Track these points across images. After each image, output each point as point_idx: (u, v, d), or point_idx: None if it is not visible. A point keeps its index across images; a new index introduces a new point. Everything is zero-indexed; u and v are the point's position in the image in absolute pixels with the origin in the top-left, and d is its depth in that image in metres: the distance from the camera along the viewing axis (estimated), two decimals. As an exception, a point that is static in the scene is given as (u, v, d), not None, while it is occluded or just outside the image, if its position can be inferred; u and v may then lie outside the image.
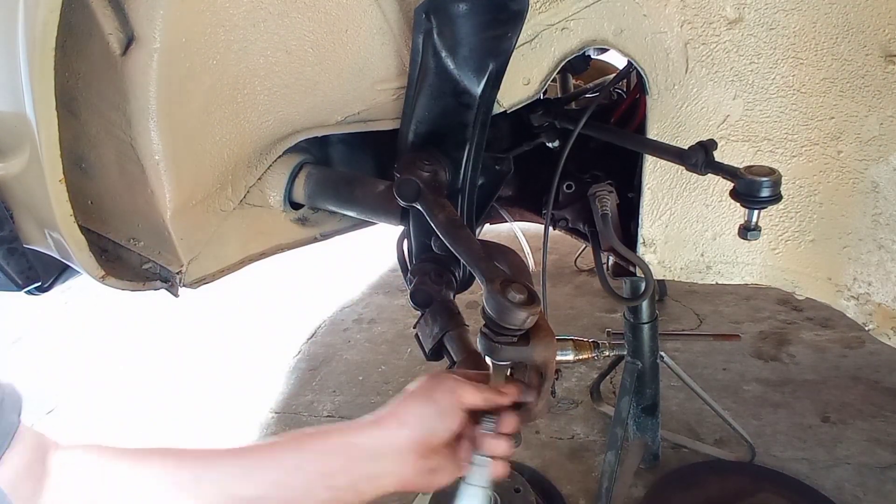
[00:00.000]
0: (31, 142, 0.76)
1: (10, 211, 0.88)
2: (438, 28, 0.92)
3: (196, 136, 0.91)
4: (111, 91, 0.81)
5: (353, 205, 1.17)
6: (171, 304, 1.07)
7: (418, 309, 1.10)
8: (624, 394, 1.72)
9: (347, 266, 3.55)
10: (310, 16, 0.92)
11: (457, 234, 0.91)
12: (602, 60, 1.72)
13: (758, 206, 0.88)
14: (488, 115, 1.04)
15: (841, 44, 0.96)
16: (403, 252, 1.23)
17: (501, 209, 1.59)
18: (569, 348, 1.62)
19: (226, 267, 1.11)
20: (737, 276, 1.26)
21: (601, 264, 1.44)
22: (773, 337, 2.49)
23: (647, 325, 1.68)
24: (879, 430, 1.94)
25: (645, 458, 1.86)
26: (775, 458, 1.87)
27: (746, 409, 2.10)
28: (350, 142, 1.29)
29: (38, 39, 0.67)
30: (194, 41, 0.82)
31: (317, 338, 2.94)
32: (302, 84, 1.00)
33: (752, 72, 1.05)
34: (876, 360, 2.26)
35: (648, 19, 1.03)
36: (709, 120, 1.11)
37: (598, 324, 2.73)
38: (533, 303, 0.76)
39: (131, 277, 0.97)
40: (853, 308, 1.12)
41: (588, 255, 2.93)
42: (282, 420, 2.35)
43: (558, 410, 2.20)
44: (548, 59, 1.08)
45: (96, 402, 2.62)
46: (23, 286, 0.93)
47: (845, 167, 1.05)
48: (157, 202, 0.90)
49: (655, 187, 1.21)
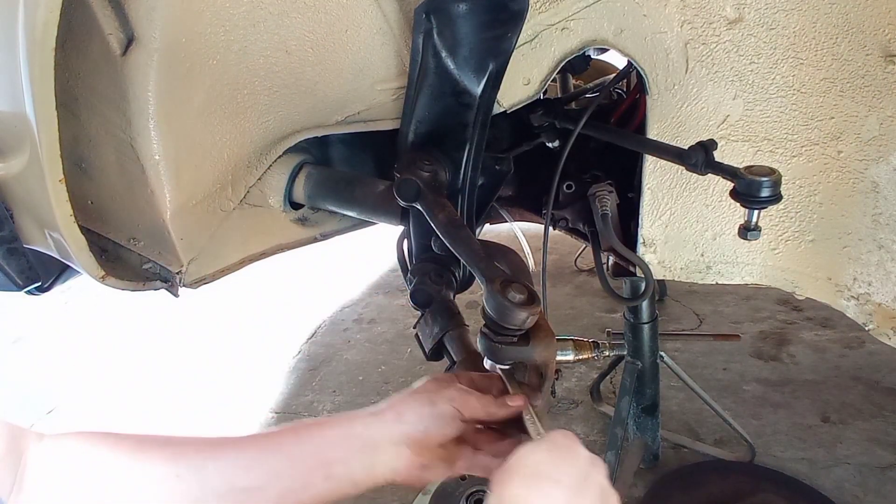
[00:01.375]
0: (31, 142, 0.76)
1: (10, 211, 0.88)
2: (438, 28, 0.92)
3: (196, 136, 0.91)
4: (111, 91, 0.81)
5: (353, 205, 1.17)
6: (171, 305, 1.07)
7: (418, 309, 1.10)
8: (624, 394, 1.72)
9: (347, 266, 3.55)
10: (310, 16, 0.92)
11: (457, 234, 0.91)
12: (602, 60, 1.72)
13: (758, 206, 0.88)
14: (488, 115, 1.04)
15: (841, 44, 0.96)
16: (403, 252, 1.23)
17: (501, 209, 1.59)
18: (569, 348, 1.62)
19: (226, 267, 1.11)
20: (737, 276, 1.26)
21: (601, 264, 1.44)
22: (773, 337, 2.49)
23: (647, 325, 1.68)
24: (879, 430, 1.94)
25: (645, 458, 1.86)
26: (775, 458, 1.87)
27: (746, 409, 2.10)
28: (350, 142, 1.29)
29: (38, 39, 0.67)
30: (194, 41, 0.82)
31: (317, 338, 2.94)
32: (302, 84, 1.00)
33: (752, 72, 1.05)
34: (876, 360, 2.26)
35: (648, 19, 1.03)
36: (709, 120, 1.11)
37: (598, 324, 2.73)
38: (533, 303, 0.76)
39: (131, 277, 0.97)
40: (853, 308, 1.12)
41: (588, 255, 2.94)
42: (282, 420, 2.36)
43: (558, 410, 2.20)
44: (548, 59, 1.08)
45: (96, 402, 2.63)
46: (23, 286, 0.93)
47: (845, 167, 1.05)
48: (157, 202, 0.90)
49: (655, 187, 1.21)
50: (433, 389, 0.76)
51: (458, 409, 0.74)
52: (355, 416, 0.75)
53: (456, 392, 0.75)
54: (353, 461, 0.71)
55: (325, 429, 0.73)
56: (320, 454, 0.71)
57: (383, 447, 0.72)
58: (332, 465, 0.71)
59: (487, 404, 0.75)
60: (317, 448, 0.72)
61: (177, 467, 0.68)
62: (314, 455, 0.71)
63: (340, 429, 0.73)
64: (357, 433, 0.73)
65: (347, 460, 0.71)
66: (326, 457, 0.71)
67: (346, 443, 0.72)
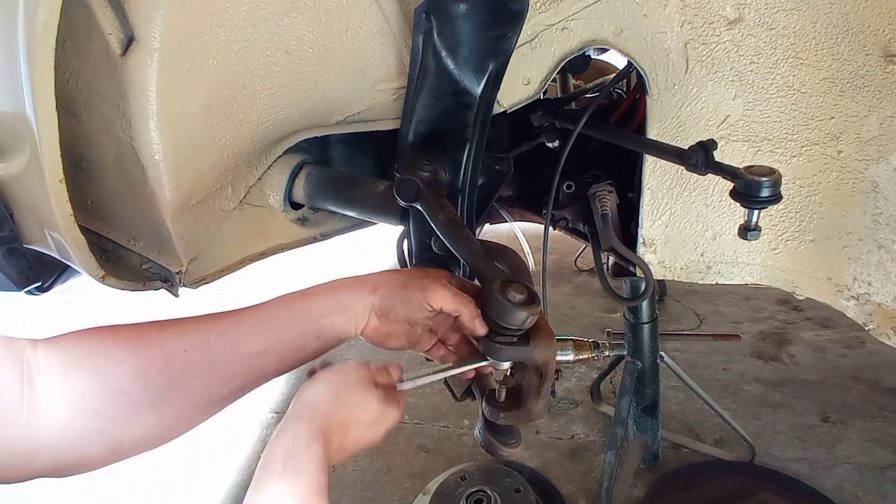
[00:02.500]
0: (31, 142, 0.76)
1: (10, 211, 0.88)
2: (438, 28, 0.92)
3: (196, 136, 0.91)
4: (111, 91, 0.81)
5: (353, 205, 1.17)
6: (171, 305, 1.07)
7: (418, 309, 1.10)
8: (624, 394, 1.72)
9: (347, 266, 3.55)
10: (310, 16, 0.92)
11: (457, 234, 0.91)
12: (602, 60, 1.72)
13: (758, 206, 0.88)
14: (488, 115, 1.04)
15: (841, 44, 0.96)
16: (403, 252, 1.23)
17: (501, 209, 1.59)
18: (569, 348, 1.61)
19: (226, 267, 1.11)
20: (737, 276, 1.26)
21: (601, 264, 1.44)
22: (773, 337, 2.49)
23: (647, 325, 1.68)
24: (879, 430, 1.94)
25: (645, 458, 1.86)
26: (775, 458, 1.87)
27: (746, 409, 2.10)
28: (350, 142, 1.29)
29: (38, 39, 0.67)
30: (194, 41, 0.82)
31: (317, 338, 2.93)
32: (302, 84, 1.00)
33: (752, 72, 1.05)
34: (876, 360, 2.26)
35: (648, 19, 1.03)
36: (709, 120, 1.11)
37: (598, 324, 2.73)
38: (533, 303, 0.76)
39: (131, 277, 0.97)
40: (853, 308, 1.12)
41: (588, 255, 2.94)
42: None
43: (558, 410, 2.20)
44: (548, 59, 1.08)
45: (96, 402, 2.62)
46: (23, 286, 0.93)
47: (845, 167, 1.05)
48: (157, 202, 0.90)
49: (655, 187, 1.21)
50: (416, 276, 0.86)
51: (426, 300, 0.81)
52: (338, 282, 0.85)
53: (430, 283, 0.83)
54: (336, 321, 0.81)
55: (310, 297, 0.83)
56: (311, 320, 0.81)
57: (357, 310, 0.82)
58: (322, 328, 0.81)
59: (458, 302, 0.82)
60: (307, 315, 0.81)
61: (183, 344, 0.74)
62: (306, 322, 0.80)
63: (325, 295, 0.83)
64: (338, 296, 0.83)
65: (332, 321, 0.81)
66: (316, 321, 0.81)
67: (330, 305, 0.82)
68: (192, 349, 0.74)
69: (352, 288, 0.84)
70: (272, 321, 0.80)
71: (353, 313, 0.82)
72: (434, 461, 2.02)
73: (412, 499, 1.79)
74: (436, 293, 0.81)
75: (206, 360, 0.75)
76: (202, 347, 0.75)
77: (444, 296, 0.81)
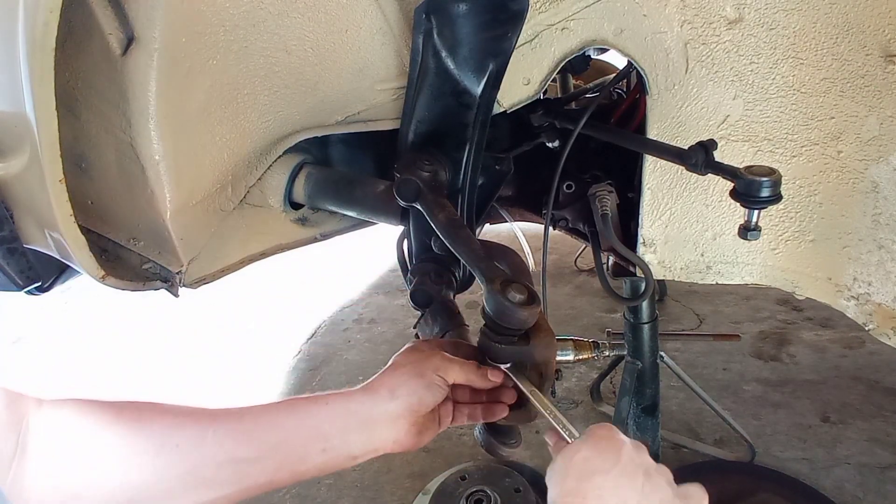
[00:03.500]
0: (31, 142, 0.76)
1: (10, 211, 0.88)
2: (438, 28, 0.92)
3: (196, 136, 0.91)
4: (111, 91, 0.81)
5: (353, 205, 1.17)
6: (171, 305, 1.07)
7: (418, 309, 1.10)
8: (624, 394, 1.72)
9: (347, 266, 3.55)
10: (310, 16, 0.92)
11: (457, 234, 0.91)
12: (602, 60, 1.72)
13: (758, 206, 0.88)
14: (488, 115, 1.04)
15: (841, 44, 0.96)
16: (403, 252, 1.23)
17: (501, 209, 1.59)
18: (569, 348, 1.62)
19: (226, 267, 1.11)
20: (737, 276, 1.26)
21: (601, 264, 1.44)
22: (773, 337, 2.49)
23: (647, 325, 1.68)
24: (879, 430, 1.94)
25: (645, 458, 1.85)
26: (775, 458, 1.87)
27: (746, 409, 2.10)
28: (350, 142, 1.29)
29: (38, 39, 0.67)
30: (194, 41, 0.82)
31: (317, 338, 2.93)
32: (302, 84, 1.00)
33: (752, 72, 1.05)
34: (876, 360, 2.26)
35: (648, 19, 1.03)
36: (709, 120, 1.11)
37: (598, 324, 2.73)
38: (533, 303, 0.76)
39: (131, 277, 0.97)
40: (853, 308, 1.12)
41: (588, 255, 2.93)
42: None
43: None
44: (548, 59, 1.08)
45: (96, 402, 2.62)
46: (23, 286, 0.93)
47: (845, 167, 1.05)
48: (157, 202, 0.90)
49: (655, 187, 1.21)
50: (418, 360, 0.81)
51: (442, 377, 0.79)
52: (350, 394, 0.78)
53: (440, 360, 0.80)
54: (350, 436, 0.75)
55: (320, 405, 0.76)
56: (317, 429, 0.74)
57: (381, 423, 0.76)
58: (329, 440, 0.74)
59: (469, 372, 0.80)
60: (314, 423, 0.75)
61: (176, 437, 0.70)
62: (311, 429, 0.74)
63: (336, 405, 0.76)
64: (353, 410, 0.76)
65: (345, 435, 0.75)
66: (324, 431, 0.74)
67: (343, 418, 0.75)
68: (184, 445, 0.70)
69: (367, 400, 0.77)
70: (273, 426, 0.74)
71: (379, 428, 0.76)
72: (434, 461, 2.01)
73: (412, 499, 1.79)
74: (449, 369, 0.79)
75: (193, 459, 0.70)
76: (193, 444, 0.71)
77: (454, 370, 0.80)
